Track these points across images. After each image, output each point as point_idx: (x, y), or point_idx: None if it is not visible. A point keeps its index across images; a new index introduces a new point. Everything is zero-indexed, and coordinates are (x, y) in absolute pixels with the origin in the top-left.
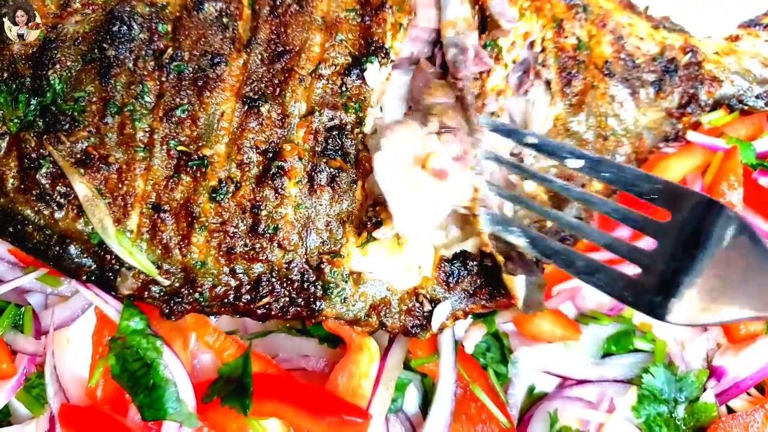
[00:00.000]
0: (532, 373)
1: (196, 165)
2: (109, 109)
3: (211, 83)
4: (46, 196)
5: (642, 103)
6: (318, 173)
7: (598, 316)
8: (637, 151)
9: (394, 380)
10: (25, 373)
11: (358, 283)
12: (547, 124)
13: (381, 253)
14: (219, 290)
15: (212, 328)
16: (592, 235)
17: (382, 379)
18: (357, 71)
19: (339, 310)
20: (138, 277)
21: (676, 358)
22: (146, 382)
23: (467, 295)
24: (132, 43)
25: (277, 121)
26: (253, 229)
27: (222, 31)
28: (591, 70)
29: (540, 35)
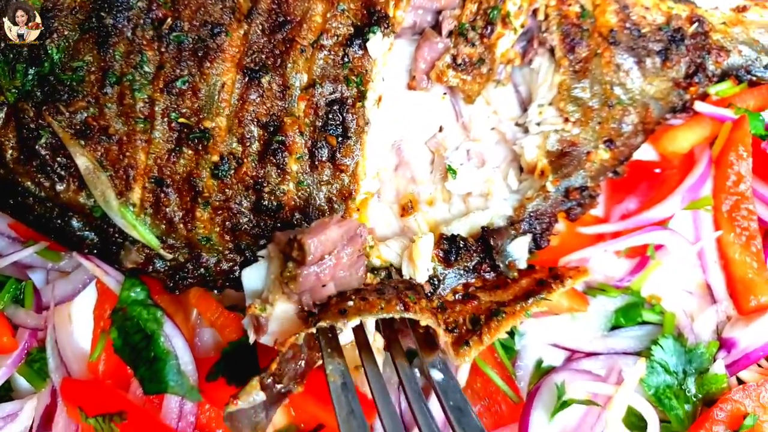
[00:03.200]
0: (540, 346)
1: (198, 138)
2: (108, 79)
3: (212, 53)
4: (46, 168)
5: (648, 73)
6: (319, 149)
7: (606, 288)
8: (644, 121)
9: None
10: (26, 347)
11: None
12: (552, 92)
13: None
14: (224, 266)
15: (215, 304)
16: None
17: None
18: (359, 42)
19: None
20: (142, 251)
21: (685, 329)
22: (147, 355)
23: (468, 270)
24: (130, 12)
25: (277, 93)
26: (256, 206)
27: (222, 1)
28: (595, 38)
29: (543, 3)
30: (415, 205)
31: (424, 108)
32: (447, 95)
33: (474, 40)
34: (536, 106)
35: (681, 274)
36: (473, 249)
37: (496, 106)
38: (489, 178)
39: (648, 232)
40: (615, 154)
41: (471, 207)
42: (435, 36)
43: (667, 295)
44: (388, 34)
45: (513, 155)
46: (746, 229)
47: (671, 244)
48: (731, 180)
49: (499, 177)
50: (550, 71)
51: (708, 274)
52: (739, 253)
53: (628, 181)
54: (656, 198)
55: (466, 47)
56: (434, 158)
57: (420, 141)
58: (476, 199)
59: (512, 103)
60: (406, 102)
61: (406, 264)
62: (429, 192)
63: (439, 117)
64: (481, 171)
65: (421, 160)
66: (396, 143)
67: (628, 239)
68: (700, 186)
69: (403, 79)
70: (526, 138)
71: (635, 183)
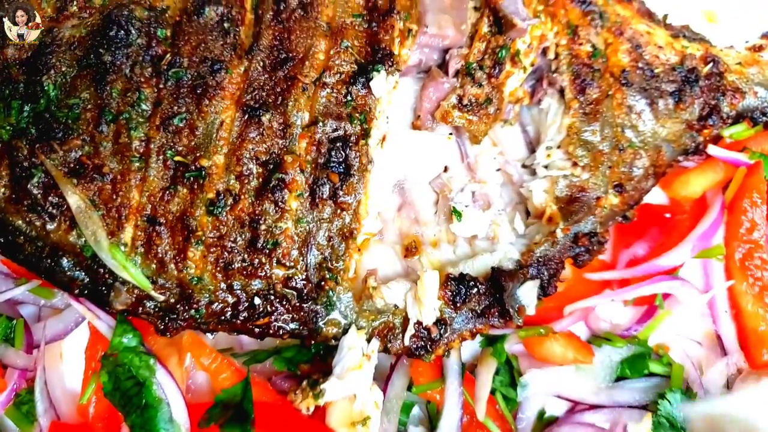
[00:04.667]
0: (542, 397)
1: (194, 176)
2: (104, 116)
3: (211, 91)
4: (37, 207)
5: (661, 114)
6: (320, 186)
7: (611, 337)
8: (656, 164)
9: (397, 410)
10: (15, 388)
11: (360, 301)
12: (560, 134)
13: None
14: (216, 307)
15: (208, 349)
16: None
17: (384, 410)
18: (363, 80)
19: (340, 331)
20: (132, 292)
21: (694, 383)
22: (138, 402)
23: (475, 315)
24: (129, 49)
25: (278, 132)
26: (251, 244)
27: (223, 37)
28: (607, 78)
29: (554, 42)
30: (419, 246)
31: (429, 148)
32: (453, 135)
33: (481, 80)
34: (544, 148)
35: (689, 323)
36: (483, 290)
37: (503, 146)
38: (495, 221)
39: (658, 282)
40: (625, 198)
41: (477, 250)
42: (441, 75)
43: (675, 345)
44: (393, 72)
45: (519, 198)
46: (759, 279)
47: (681, 293)
48: (744, 227)
49: (505, 220)
50: (560, 112)
51: (718, 325)
52: (752, 304)
53: (637, 226)
54: (666, 244)
55: (473, 87)
56: (438, 199)
57: (424, 181)
58: (482, 242)
59: (519, 144)
60: (410, 141)
61: (411, 304)
62: (433, 233)
63: (444, 157)
64: (486, 214)
65: (425, 201)
66: (399, 183)
67: (637, 289)
68: (712, 234)
69: (407, 118)
70: (534, 181)
71: (644, 228)
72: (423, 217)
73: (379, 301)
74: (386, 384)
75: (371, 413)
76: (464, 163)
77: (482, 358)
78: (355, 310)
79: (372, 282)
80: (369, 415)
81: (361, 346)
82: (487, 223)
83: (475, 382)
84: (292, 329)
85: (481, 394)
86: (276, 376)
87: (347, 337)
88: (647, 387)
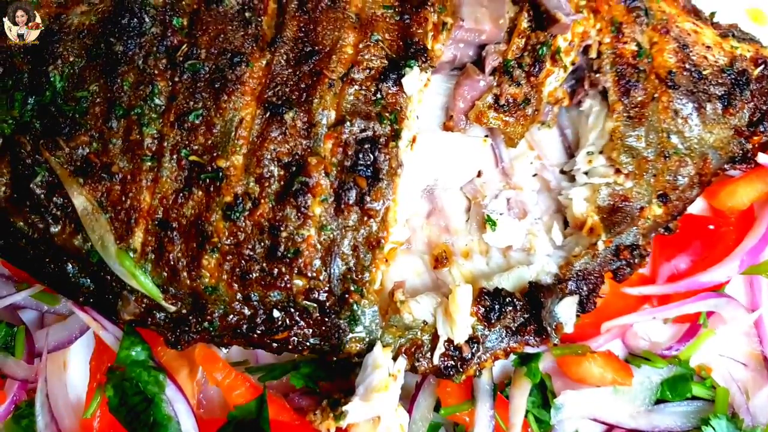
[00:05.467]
0: (577, 420)
1: (210, 178)
2: (115, 111)
3: (230, 86)
4: (40, 208)
5: (708, 120)
6: (346, 191)
7: (651, 357)
8: (701, 172)
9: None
10: (14, 400)
11: (387, 316)
12: (603, 139)
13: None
14: (231, 319)
15: (221, 363)
16: None
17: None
18: (394, 76)
19: (364, 347)
20: (141, 302)
21: (740, 409)
22: (146, 419)
23: (510, 333)
24: (142, 38)
25: (302, 131)
26: (270, 252)
27: (244, 28)
28: (652, 80)
29: (596, 39)
30: (450, 256)
31: (462, 150)
32: (488, 137)
33: (520, 79)
34: (585, 153)
35: (733, 343)
36: (519, 306)
37: (540, 150)
38: (531, 230)
39: (703, 300)
40: (668, 209)
41: (512, 261)
42: (477, 73)
43: (718, 366)
44: (426, 69)
45: (557, 206)
46: None
47: (727, 312)
48: None
49: (542, 230)
50: (602, 116)
51: (766, 346)
52: None
53: (678, 238)
54: (709, 258)
55: (510, 86)
56: (470, 206)
57: (455, 186)
58: (517, 253)
59: (557, 148)
60: (441, 143)
61: (441, 321)
62: (464, 243)
63: (477, 161)
64: (522, 223)
65: (456, 208)
66: (429, 188)
67: (681, 306)
68: (761, 249)
69: (438, 119)
70: (574, 189)
71: (686, 240)
72: (454, 225)
73: (406, 317)
74: (411, 404)
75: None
76: (499, 168)
77: (516, 378)
78: (380, 325)
79: (399, 295)
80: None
81: (387, 365)
82: (522, 232)
83: (507, 404)
84: (312, 344)
85: (516, 419)
86: (293, 392)
87: (372, 355)
88: (689, 411)
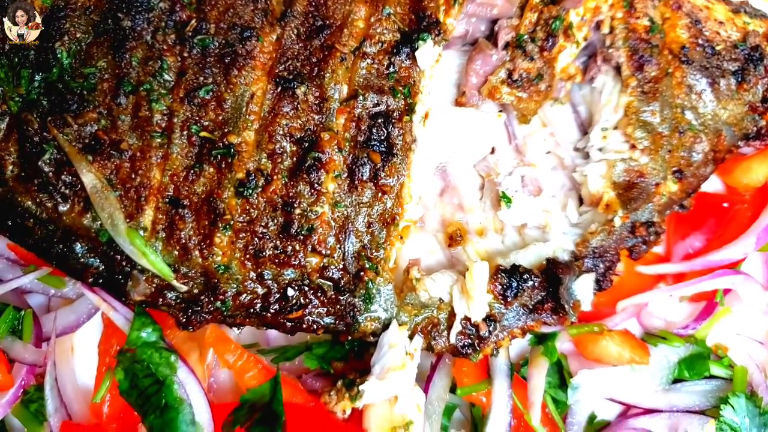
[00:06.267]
0: (593, 400)
1: (221, 154)
2: (123, 87)
3: (240, 60)
4: (49, 186)
5: (722, 95)
6: (359, 167)
7: (667, 336)
8: (715, 149)
9: (439, 413)
10: (23, 385)
11: (402, 294)
12: (617, 115)
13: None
14: (244, 298)
15: (233, 345)
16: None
17: (425, 413)
18: (407, 50)
19: (379, 327)
20: (152, 282)
21: (759, 387)
22: (158, 402)
23: (527, 311)
24: (151, 13)
25: (314, 106)
26: (284, 229)
27: (253, 2)
28: (665, 55)
29: (608, 15)
30: (464, 234)
31: (474, 127)
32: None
33: (533, 54)
34: (599, 129)
35: (750, 321)
36: (537, 283)
37: (553, 127)
38: (546, 208)
39: (719, 277)
40: (683, 185)
41: (527, 239)
42: (490, 47)
43: (735, 345)
44: (439, 42)
45: (572, 183)
46: None
47: (743, 289)
48: None
49: (557, 207)
50: (616, 91)
51: None
52: None
53: (693, 216)
54: (724, 236)
55: (524, 61)
56: (484, 183)
57: (468, 164)
58: (532, 230)
59: (570, 125)
60: (453, 120)
61: (458, 298)
62: (479, 221)
63: (490, 138)
64: (537, 200)
65: (469, 185)
66: (441, 165)
67: (697, 284)
68: None
69: (450, 95)
70: (589, 165)
71: (701, 218)
72: (467, 202)
73: (423, 294)
74: (427, 384)
75: (414, 417)
76: (512, 145)
77: (533, 357)
78: (396, 303)
79: (415, 273)
80: (411, 420)
81: (404, 343)
82: (538, 210)
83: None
84: (327, 324)
85: (535, 398)
86: (306, 374)
87: (388, 334)
88: (707, 390)
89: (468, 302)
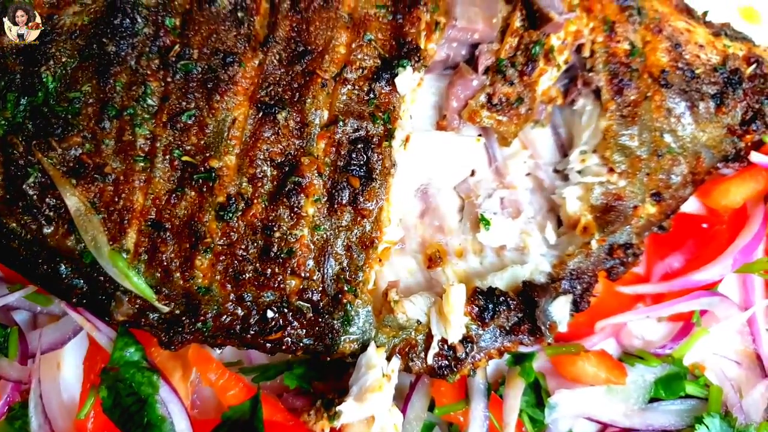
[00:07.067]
0: (571, 419)
1: (203, 178)
2: (107, 112)
3: (222, 86)
4: (33, 209)
5: (701, 118)
6: (339, 191)
7: (644, 356)
8: (694, 171)
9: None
10: (8, 401)
11: (380, 315)
12: (596, 138)
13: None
14: (224, 320)
15: (215, 363)
16: None
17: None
18: (387, 76)
19: (357, 348)
20: (134, 302)
21: (733, 407)
22: (140, 420)
23: (504, 332)
24: (135, 38)
25: (295, 131)
26: (264, 252)
27: (236, 27)
28: (645, 79)
29: (589, 38)
30: (443, 256)
31: (455, 149)
32: (481, 137)
33: (513, 78)
34: (578, 152)
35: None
36: (513, 305)
37: (534, 149)
38: (525, 230)
39: (696, 298)
40: (662, 208)
41: (506, 261)
42: (470, 72)
43: (711, 365)
44: (419, 68)
45: (550, 205)
46: None
47: (720, 310)
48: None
49: (535, 229)
50: (595, 114)
51: (758, 344)
52: None
53: (672, 237)
54: (703, 257)
55: (503, 86)
56: (464, 205)
57: (448, 186)
58: (511, 252)
59: (550, 147)
60: (434, 143)
61: (435, 320)
62: (458, 242)
63: (471, 160)
64: (516, 222)
65: (449, 207)
66: (422, 187)
67: (675, 305)
68: (754, 247)
69: (431, 118)
70: (567, 188)
71: (680, 239)
72: (447, 224)
73: (400, 316)
74: (405, 404)
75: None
76: (492, 167)
77: (510, 378)
78: (374, 325)
79: (393, 295)
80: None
81: (381, 365)
82: (516, 232)
83: (501, 403)
84: (306, 345)
85: (510, 418)
86: (287, 393)
87: (366, 355)
88: (683, 410)
89: (445, 324)
